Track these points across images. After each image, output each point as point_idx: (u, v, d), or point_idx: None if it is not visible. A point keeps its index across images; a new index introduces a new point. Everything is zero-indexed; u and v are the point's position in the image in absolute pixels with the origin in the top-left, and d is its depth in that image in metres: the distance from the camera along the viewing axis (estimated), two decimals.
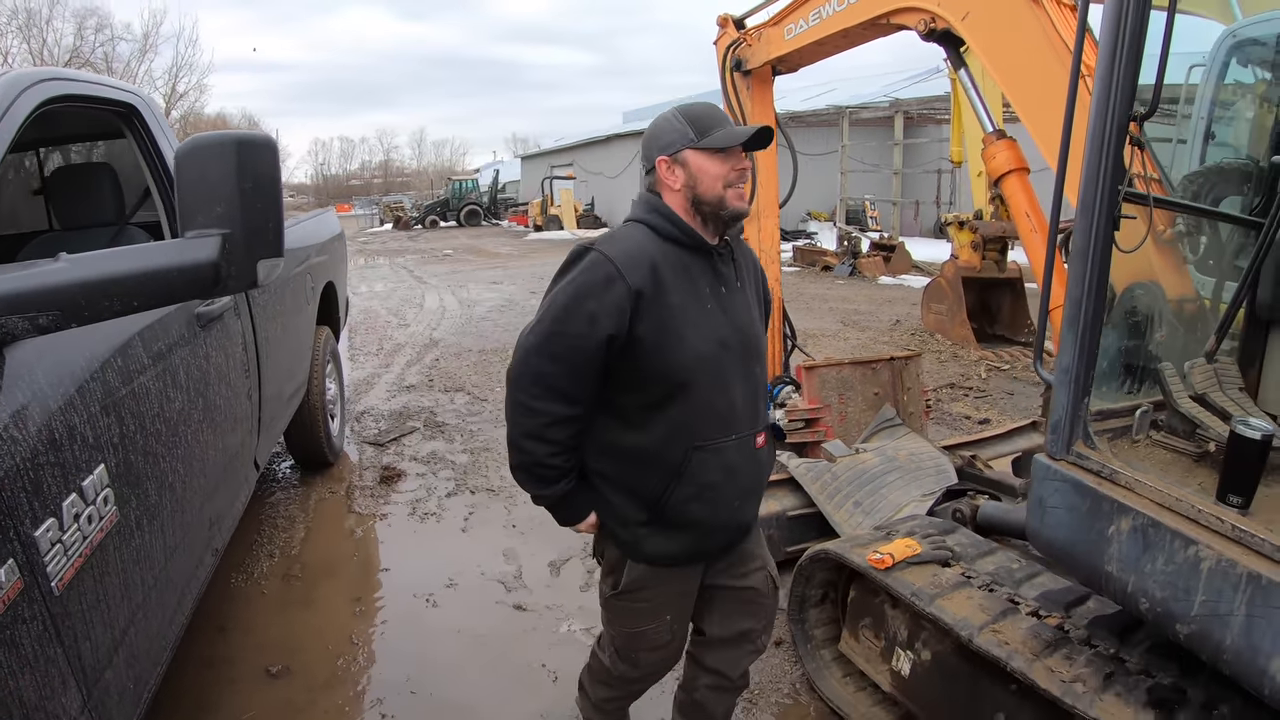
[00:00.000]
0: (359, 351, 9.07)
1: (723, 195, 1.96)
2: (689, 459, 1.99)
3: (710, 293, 2.00)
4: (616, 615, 2.23)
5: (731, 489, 2.08)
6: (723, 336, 2.00)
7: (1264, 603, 1.66)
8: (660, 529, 2.05)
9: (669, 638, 2.22)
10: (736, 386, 2.04)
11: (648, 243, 1.96)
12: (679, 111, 2.01)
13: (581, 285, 1.90)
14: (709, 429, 2.00)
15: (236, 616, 3.57)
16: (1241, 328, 2.54)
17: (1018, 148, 3.49)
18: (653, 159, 2.02)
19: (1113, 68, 1.97)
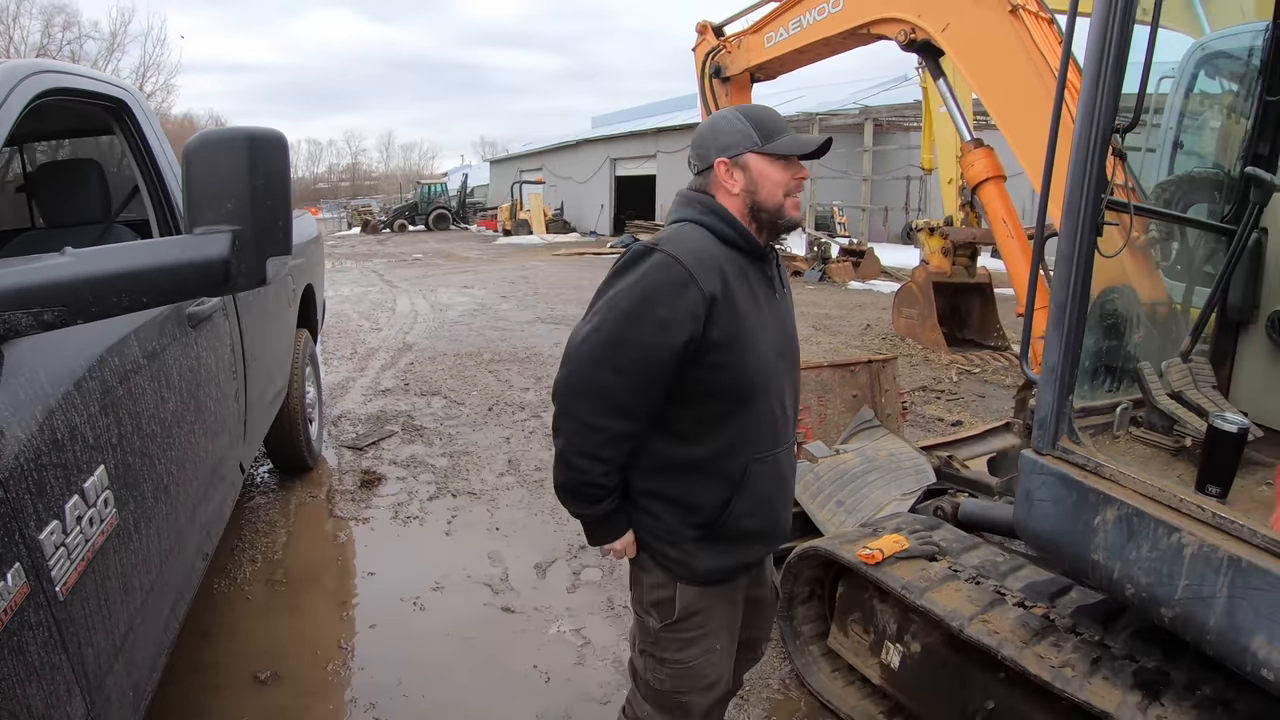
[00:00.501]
0: (332, 355, 9.02)
1: (782, 204, 1.88)
2: (748, 472, 1.91)
3: (765, 300, 1.92)
4: (666, 649, 2.01)
5: (781, 499, 2.04)
6: (779, 346, 1.95)
7: (1244, 584, 1.75)
8: (713, 543, 1.94)
9: (720, 673, 2.05)
10: (787, 396, 2.00)
11: (711, 245, 1.84)
12: (741, 113, 1.91)
13: (650, 288, 1.75)
14: (765, 441, 1.93)
15: (220, 622, 3.55)
16: (1213, 329, 2.64)
17: (995, 156, 3.58)
18: (710, 159, 1.89)
19: (1098, 81, 2.05)
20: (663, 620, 1.99)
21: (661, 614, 1.99)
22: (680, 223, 1.91)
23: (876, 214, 25.94)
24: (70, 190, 3.21)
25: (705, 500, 1.92)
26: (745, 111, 1.91)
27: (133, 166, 3.00)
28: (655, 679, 2.04)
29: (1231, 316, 2.62)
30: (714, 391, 1.84)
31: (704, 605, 1.98)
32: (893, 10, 3.64)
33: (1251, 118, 2.70)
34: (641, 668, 2.08)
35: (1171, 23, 3.52)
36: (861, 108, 23.37)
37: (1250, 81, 2.78)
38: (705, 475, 1.91)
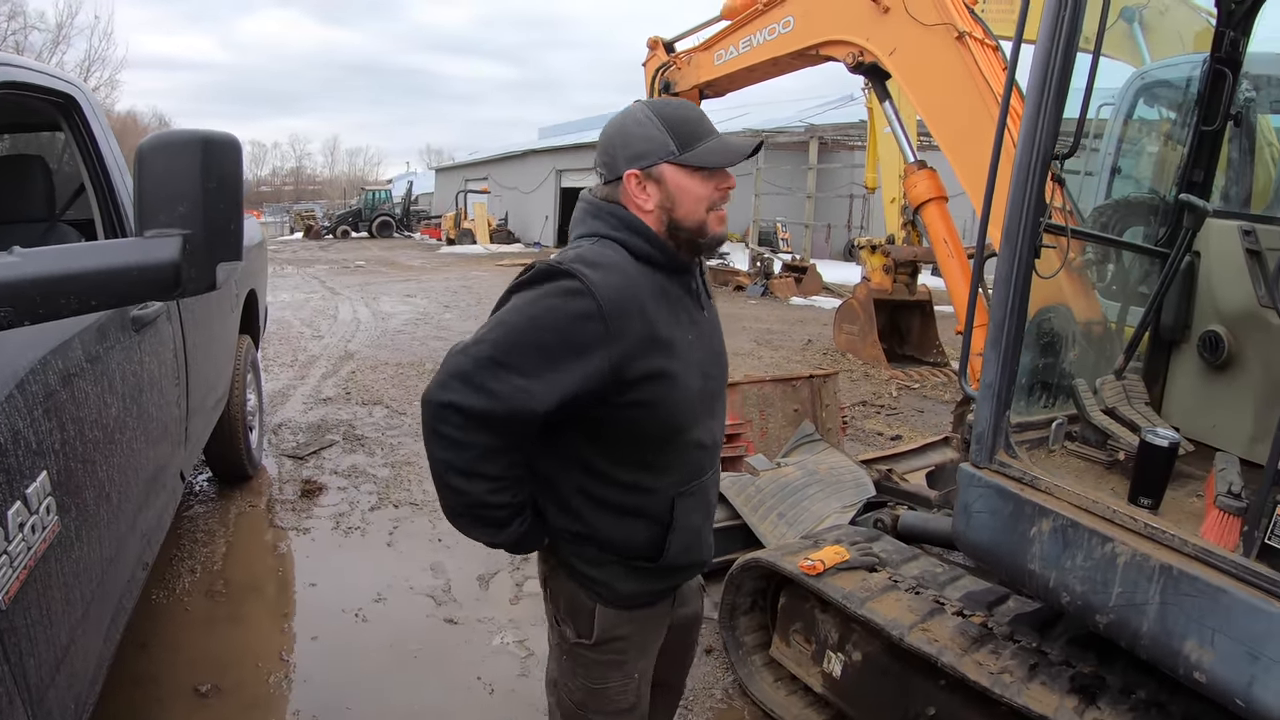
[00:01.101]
0: (273, 362, 8.87)
1: (704, 220, 1.65)
2: (675, 507, 1.73)
3: (689, 320, 1.71)
4: (580, 666, 1.84)
5: (707, 525, 1.88)
6: (705, 367, 1.73)
7: (1176, 591, 1.83)
8: (639, 573, 1.77)
9: (634, 700, 1.89)
10: (715, 417, 1.82)
11: (628, 267, 1.61)
12: (653, 111, 1.64)
13: (546, 312, 1.55)
14: (693, 472, 1.76)
15: (160, 634, 3.46)
16: (1147, 348, 2.75)
17: (937, 177, 3.67)
18: (619, 169, 1.64)
19: (1039, 107, 2.13)
20: (579, 635, 1.81)
21: (579, 628, 1.81)
22: (589, 239, 1.67)
23: (819, 231, 26.35)
24: (13, 186, 3.12)
25: (633, 542, 1.74)
26: (660, 112, 1.64)
27: (79, 164, 2.92)
28: (568, 688, 1.88)
29: (1164, 336, 2.74)
30: (638, 431, 1.65)
31: (625, 631, 1.81)
32: (842, 33, 3.72)
33: (1187, 146, 2.83)
34: (558, 673, 1.92)
35: (1113, 52, 3.66)
36: (807, 126, 23.73)
37: (1187, 111, 2.90)
38: (633, 514, 1.73)
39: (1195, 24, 4.83)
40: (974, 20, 3.24)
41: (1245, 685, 1.72)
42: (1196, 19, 4.84)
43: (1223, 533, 1.92)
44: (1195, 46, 4.33)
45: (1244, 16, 2.70)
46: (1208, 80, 2.76)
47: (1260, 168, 3.35)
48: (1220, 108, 2.75)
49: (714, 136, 1.65)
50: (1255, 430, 2.51)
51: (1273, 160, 3.49)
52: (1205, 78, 2.77)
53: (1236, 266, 2.56)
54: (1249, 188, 3.31)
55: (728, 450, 5.02)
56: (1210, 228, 2.66)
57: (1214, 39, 2.75)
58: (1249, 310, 2.53)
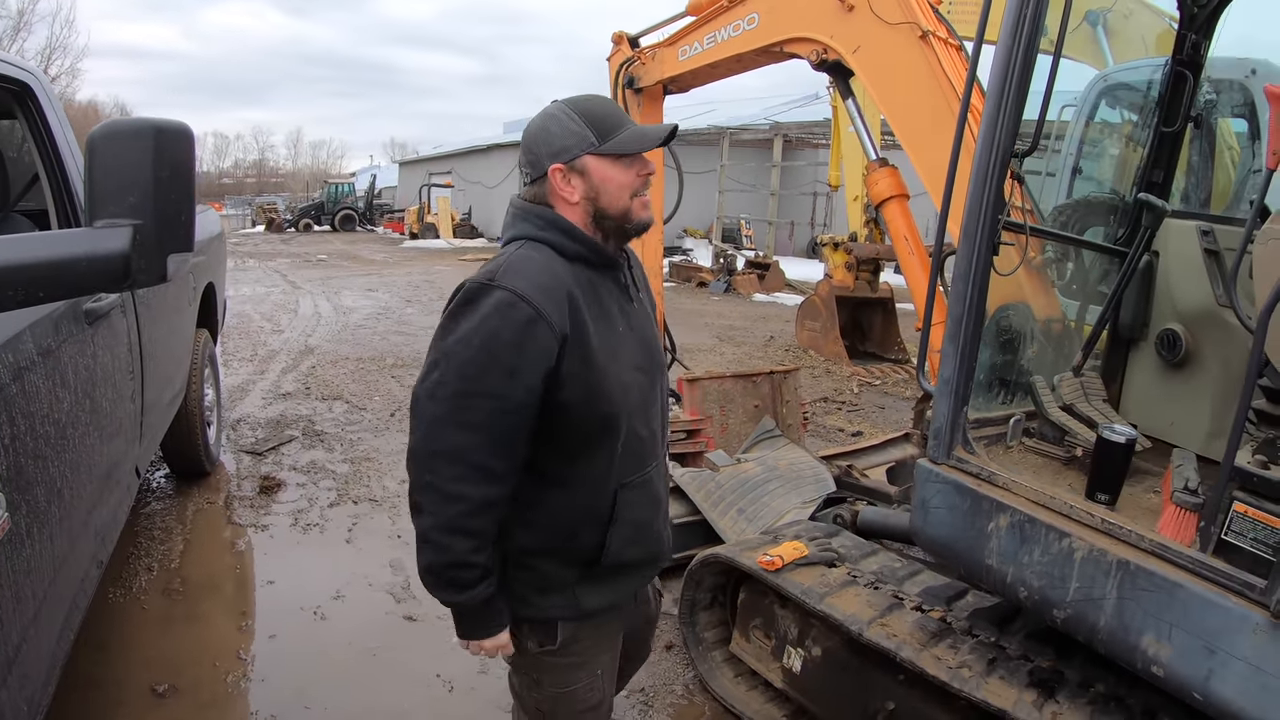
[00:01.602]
0: (232, 357, 8.75)
1: (629, 207, 1.71)
2: (616, 500, 1.76)
3: (620, 313, 1.76)
4: (545, 673, 1.86)
5: (658, 519, 1.91)
6: (638, 361, 1.78)
7: (1133, 586, 1.86)
8: (598, 580, 1.80)
9: (600, 696, 1.93)
10: (652, 410, 1.85)
11: (555, 266, 1.66)
12: (571, 108, 1.70)
13: (492, 332, 1.56)
14: (633, 464, 1.78)
15: (117, 633, 3.41)
16: (1105, 346, 2.79)
17: (899, 175, 3.69)
18: (543, 166, 1.69)
19: (999, 107, 2.15)
20: (542, 645, 1.83)
21: (541, 639, 1.82)
22: (517, 241, 1.72)
23: (783, 228, 26.48)
24: None
25: (580, 542, 1.77)
26: (577, 107, 1.70)
27: (34, 153, 2.86)
28: (535, 699, 1.90)
29: (1122, 334, 2.78)
30: (572, 426, 1.67)
31: (586, 634, 1.85)
32: (806, 30, 3.72)
33: (1147, 147, 2.87)
34: (519, 686, 1.94)
35: (1077, 54, 3.72)
36: (772, 123, 23.82)
37: (1148, 113, 2.95)
38: (575, 513, 1.75)
39: (1158, 28, 4.92)
40: (938, 20, 3.25)
41: (1203, 679, 1.75)
42: (1160, 23, 4.93)
43: (1179, 528, 1.95)
44: (1158, 50, 4.41)
45: (1206, 20, 2.75)
46: (1169, 82, 2.80)
47: (1220, 170, 3.42)
48: (1181, 109, 2.79)
49: (630, 126, 1.70)
50: (1212, 427, 2.56)
51: (1232, 163, 3.57)
52: (1166, 80, 2.81)
53: (1195, 266, 2.60)
54: (1209, 189, 3.38)
55: (689, 446, 5.04)
56: (1169, 228, 2.70)
57: (1176, 42, 2.80)
58: (1207, 309, 2.58)
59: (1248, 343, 2.21)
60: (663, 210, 5.44)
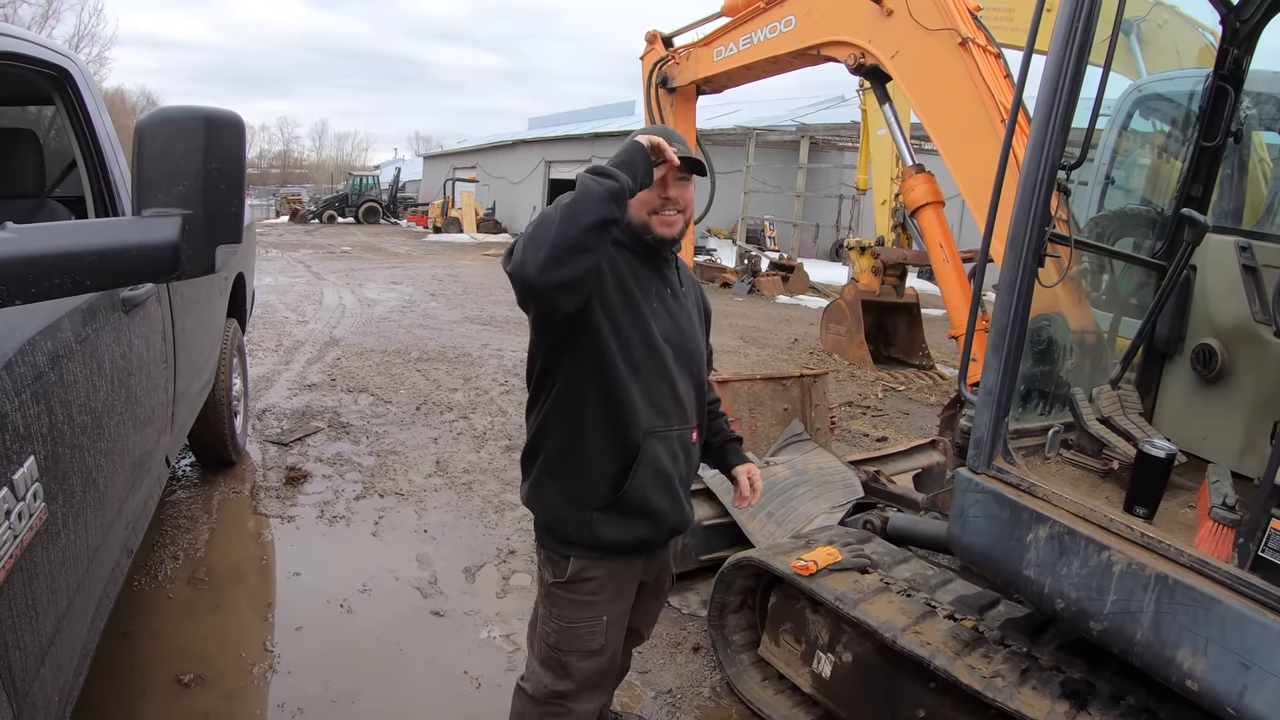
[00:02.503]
0: (257, 347, 8.79)
1: (647, 221, 1.99)
2: (645, 444, 1.99)
3: (656, 294, 2.04)
4: (555, 605, 2.11)
5: (680, 478, 2.11)
6: (666, 333, 2.03)
7: (1170, 600, 1.85)
8: (617, 514, 2.02)
9: (602, 642, 2.12)
10: (680, 382, 2.07)
11: None
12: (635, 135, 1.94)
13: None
14: (658, 417, 2.02)
15: (141, 622, 3.42)
16: (1140, 359, 2.76)
17: (935, 182, 3.67)
18: None
19: (1049, 120, 2.13)
20: (555, 576, 2.08)
21: (555, 571, 2.08)
22: None
23: (807, 230, 26.39)
24: (3, 162, 3.05)
25: (606, 468, 2.00)
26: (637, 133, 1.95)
27: (71, 140, 2.84)
28: (544, 630, 2.13)
29: (1158, 348, 2.75)
30: (604, 345, 1.92)
31: (597, 574, 2.06)
32: (844, 34, 3.71)
33: (1187, 161, 2.83)
34: (536, 614, 2.19)
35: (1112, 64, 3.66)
36: (798, 125, 23.74)
37: (1185, 125, 2.91)
38: (603, 441, 1.99)
39: (1192, 39, 4.86)
40: (977, 26, 3.23)
41: (1237, 695, 1.74)
42: (1194, 34, 4.87)
43: (1216, 544, 1.93)
44: (1192, 61, 4.35)
45: (1248, 35, 2.71)
46: (1210, 96, 2.77)
47: (1252, 185, 3.38)
48: (1221, 124, 2.76)
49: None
50: (1245, 443, 2.53)
51: (1264, 177, 3.52)
52: (1208, 93, 2.77)
53: (1232, 281, 2.58)
54: (1241, 203, 3.33)
55: None
56: (1207, 242, 2.67)
57: (1218, 56, 2.76)
58: (1243, 325, 2.55)
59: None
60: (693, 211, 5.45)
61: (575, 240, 1.71)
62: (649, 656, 3.40)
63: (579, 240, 1.72)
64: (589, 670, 2.12)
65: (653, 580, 2.31)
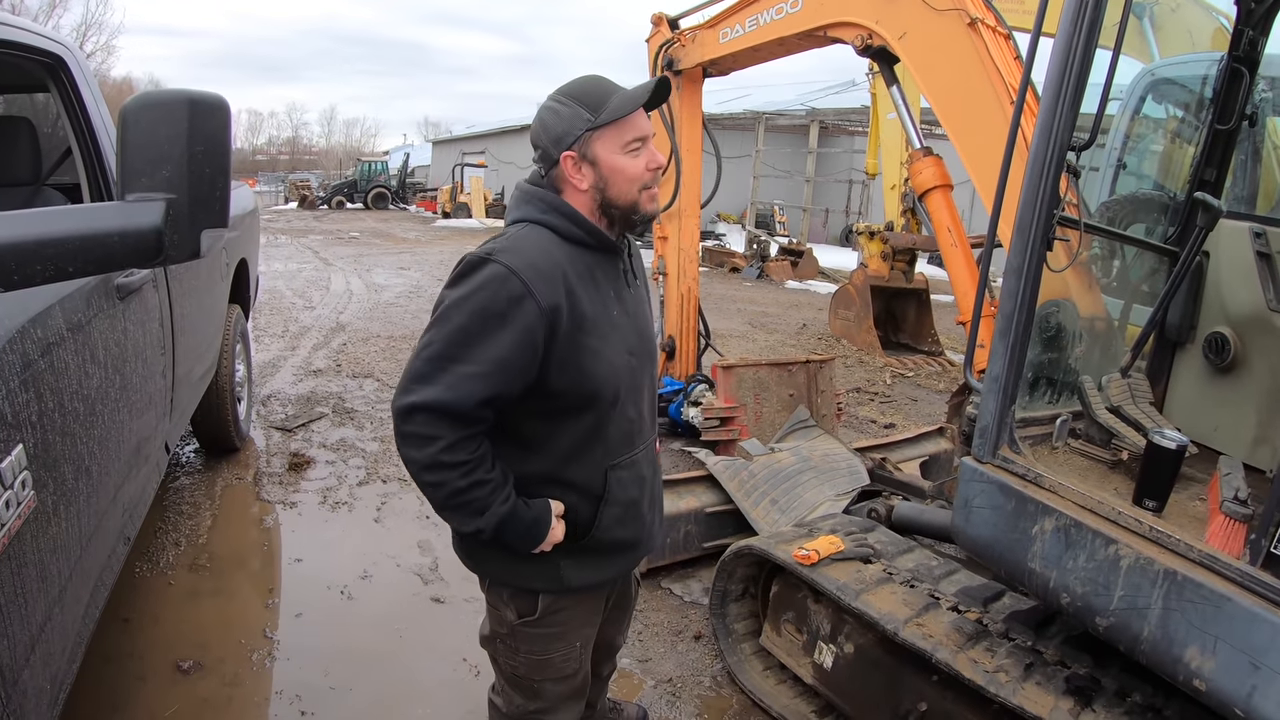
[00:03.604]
0: (263, 333, 8.79)
1: (637, 199, 1.78)
2: (608, 480, 1.85)
3: (615, 297, 1.84)
4: (523, 643, 1.95)
5: (645, 501, 1.98)
6: (630, 345, 1.85)
7: (1179, 597, 1.80)
8: (584, 557, 1.88)
9: (576, 666, 2.03)
10: (643, 393, 1.93)
11: (553, 248, 1.74)
12: (559, 94, 1.78)
13: (483, 304, 1.64)
14: (622, 445, 1.87)
15: (142, 608, 3.41)
16: (1151, 347, 2.71)
17: (943, 165, 3.61)
18: (553, 156, 1.77)
19: (1058, 99, 2.08)
20: (521, 616, 1.91)
21: (520, 610, 1.91)
22: (520, 223, 1.81)
23: (817, 215, 26.27)
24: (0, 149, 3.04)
25: (572, 515, 1.85)
26: (564, 91, 1.78)
27: (67, 127, 2.84)
28: (509, 665, 2.00)
29: (1169, 336, 2.70)
30: (563, 403, 1.76)
31: (566, 605, 1.93)
32: (851, 15, 3.65)
33: (1200, 144, 2.77)
34: (494, 652, 2.03)
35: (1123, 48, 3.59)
36: (808, 109, 23.59)
37: (1199, 109, 2.85)
38: (567, 489, 1.83)
39: (1205, 22, 4.78)
40: (986, 7, 3.17)
41: (1245, 695, 1.69)
42: (1207, 17, 4.79)
43: (1228, 539, 1.88)
44: (1205, 44, 4.26)
45: (1264, 16, 2.65)
46: (1224, 78, 2.70)
47: (1266, 170, 3.31)
48: (1236, 107, 2.69)
49: (617, 92, 1.76)
50: (1258, 434, 2.48)
51: (1278, 162, 3.46)
52: (1222, 76, 2.71)
53: (1246, 269, 2.52)
54: (1254, 188, 3.27)
55: (722, 433, 5.01)
56: (1220, 228, 2.62)
57: (1232, 38, 2.70)
58: (1257, 313, 2.50)
59: None
60: (700, 194, 5.40)
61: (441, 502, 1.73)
62: (649, 645, 3.38)
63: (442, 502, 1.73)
64: (562, 692, 2.04)
65: (618, 593, 2.20)
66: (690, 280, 5.42)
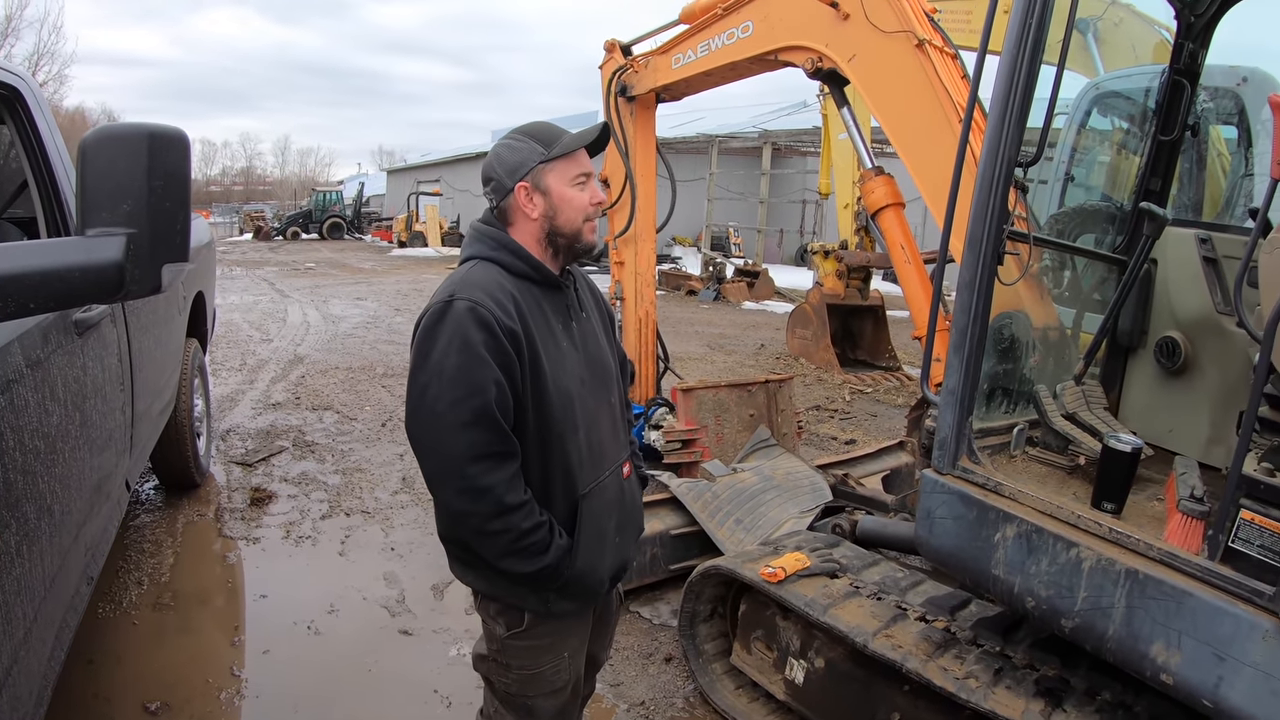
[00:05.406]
0: (221, 366, 8.68)
1: (580, 229, 1.92)
2: (580, 511, 1.90)
3: (564, 329, 1.93)
4: (513, 656, 1.98)
5: (618, 520, 2.02)
6: (580, 374, 1.93)
7: (1142, 595, 1.85)
8: (572, 586, 1.91)
9: (567, 678, 2.05)
10: (602, 421, 1.99)
11: (504, 281, 1.85)
12: (516, 133, 1.94)
13: (465, 338, 1.73)
14: (587, 473, 1.92)
15: (107, 649, 3.35)
16: (1103, 354, 2.78)
17: (894, 183, 3.68)
18: (508, 185, 1.90)
19: (1004, 117, 2.14)
20: (510, 629, 1.95)
21: (509, 623, 1.95)
22: (471, 260, 1.92)
23: (772, 236, 26.53)
24: None
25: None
26: (521, 130, 1.95)
27: (22, 160, 2.81)
28: (501, 683, 2.02)
29: (1121, 342, 2.78)
30: (522, 428, 1.82)
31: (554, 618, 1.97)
32: (801, 39, 3.72)
33: (1145, 155, 2.87)
34: (486, 671, 2.06)
35: (1067, 63, 3.72)
36: (761, 131, 23.86)
37: (1143, 121, 2.95)
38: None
39: (1148, 36, 4.95)
40: (933, 28, 3.25)
41: (1212, 686, 1.75)
42: (1149, 32, 4.96)
43: (1186, 536, 1.94)
44: (1148, 58, 4.41)
45: (1203, 29, 2.75)
46: (1166, 91, 2.81)
47: (1210, 178, 3.43)
48: (1179, 118, 2.79)
49: (567, 133, 1.93)
50: (1211, 434, 2.56)
51: (1223, 170, 3.58)
52: (1164, 88, 2.81)
53: (1194, 274, 2.61)
54: (1200, 196, 3.39)
55: (684, 455, 5.02)
56: (1168, 236, 2.70)
57: (1173, 51, 2.80)
58: (1206, 316, 2.58)
59: (1249, 351, 2.21)
60: (655, 218, 5.44)
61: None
62: (620, 669, 3.37)
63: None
64: (554, 707, 2.06)
65: (600, 608, 2.20)
66: (648, 304, 5.46)
